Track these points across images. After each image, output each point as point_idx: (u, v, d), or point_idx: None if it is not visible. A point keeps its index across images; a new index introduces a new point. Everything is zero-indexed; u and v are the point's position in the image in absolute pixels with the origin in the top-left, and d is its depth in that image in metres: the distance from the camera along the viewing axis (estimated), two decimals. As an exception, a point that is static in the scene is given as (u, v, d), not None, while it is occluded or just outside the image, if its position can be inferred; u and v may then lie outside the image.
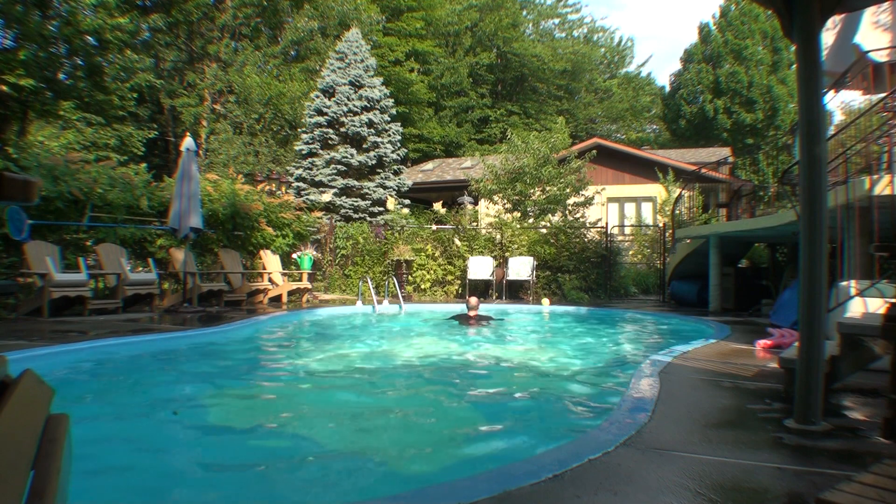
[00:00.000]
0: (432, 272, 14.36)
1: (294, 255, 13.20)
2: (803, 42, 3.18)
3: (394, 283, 11.73)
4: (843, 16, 7.15)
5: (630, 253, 18.00)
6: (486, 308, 10.10)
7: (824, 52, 6.73)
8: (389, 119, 19.47)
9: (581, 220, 16.35)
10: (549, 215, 16.50)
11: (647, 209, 22.38)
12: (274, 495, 2.69)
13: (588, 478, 2.33)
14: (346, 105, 18.57)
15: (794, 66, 3.48)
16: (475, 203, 20.35)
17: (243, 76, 24.62)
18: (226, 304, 10.60)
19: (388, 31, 32.01)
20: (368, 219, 17.44)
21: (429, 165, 28.36)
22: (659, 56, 73.13)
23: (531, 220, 16.24)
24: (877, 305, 4.47)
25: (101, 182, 9.50)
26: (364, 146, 18.71)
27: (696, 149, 28.43)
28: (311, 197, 17.85)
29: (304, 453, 3.27)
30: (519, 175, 16.66)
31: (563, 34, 44.34)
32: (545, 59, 38.13)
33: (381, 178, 18.80)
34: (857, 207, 5.68)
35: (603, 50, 44.85)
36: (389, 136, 19.12)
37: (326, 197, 18.05)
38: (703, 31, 36.29)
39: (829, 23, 5.82)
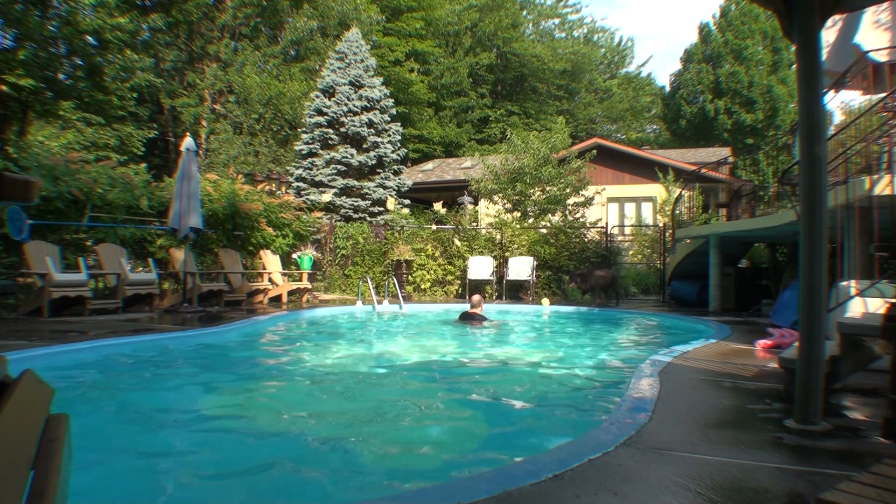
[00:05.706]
0: (432, 272, 14.36)
1: (294, 255, 13.20)
2: (803, 42, 3.18)
3: (394, 283, 11.73)
4: (843, 16, 7.15)
5: (630, 253, 17.99)
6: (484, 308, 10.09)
7: (824, 52, 6.73)
8: (389, 119, 19.47)
9: (581, 220, 16.35)
10: (549, 215, 16.50)
11: (647, 209, 22.37)
12: (274, 495, 2.69)
13: (588, 478, 2.33)
14: (346, 105, 18.56)
15: (794, 66, 3.48)
16: (475, 203, 20.34)
17: (243, 76, 24.62)
18: (226, 304, 10.60)
19: (388, 31, 32.00)
20: (368, 219, 17.44)
21: (429, 165, 28.35)
22: (659, 56, 73.26)
23: (531, 220, 16.23)
24: (877, 305, 4.47)
25: (101, 182, 9.51)
26: (364, 146, 18.71)
27: (696, 149, 28.43)
28: (311, 197, 17.85)
29: (304, 453, 3.27)
30: (519, 175, 16.66)
31: (563, 34, 44.35)
32: (545, 59, 38.13)
33: (381, 178, 18.80)
34: (857, 207, 5.68)
35: (603, 50, 44.85)
36: (389, 136, 19.11)
37: (326, 197, 18.05)
38: (704, 31, 36.30)
39: (829, 22, 5.82)
